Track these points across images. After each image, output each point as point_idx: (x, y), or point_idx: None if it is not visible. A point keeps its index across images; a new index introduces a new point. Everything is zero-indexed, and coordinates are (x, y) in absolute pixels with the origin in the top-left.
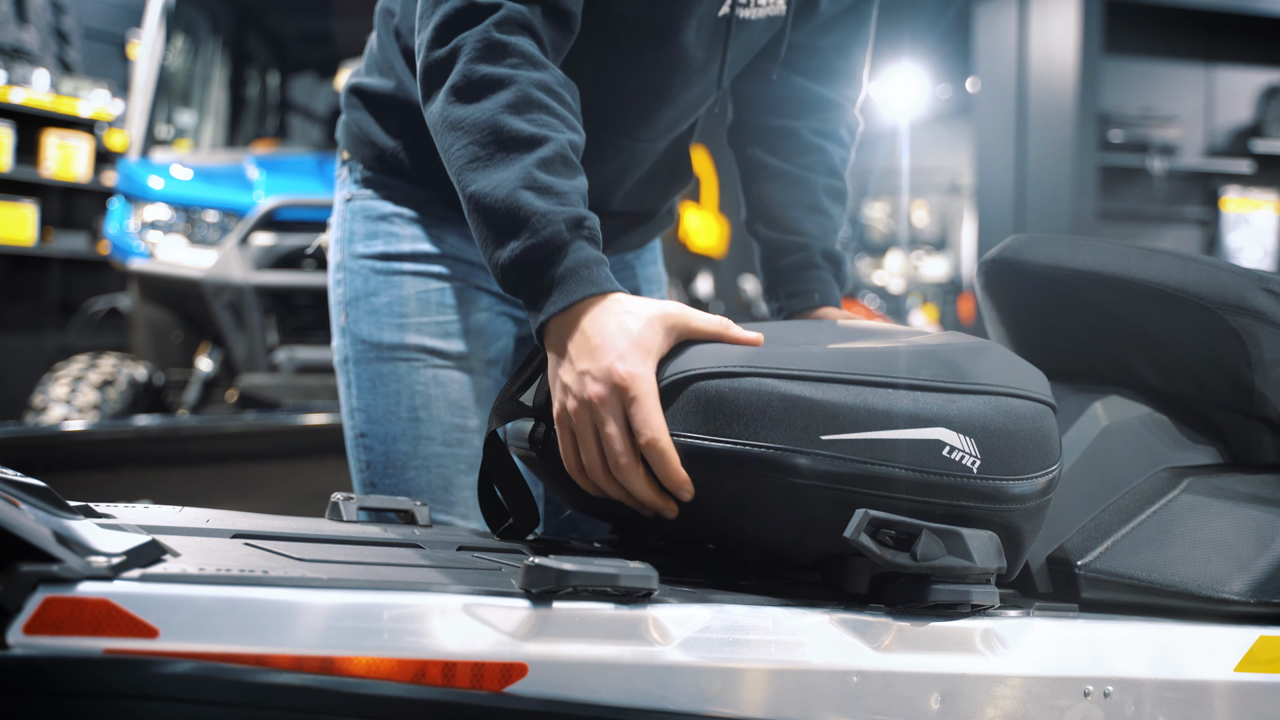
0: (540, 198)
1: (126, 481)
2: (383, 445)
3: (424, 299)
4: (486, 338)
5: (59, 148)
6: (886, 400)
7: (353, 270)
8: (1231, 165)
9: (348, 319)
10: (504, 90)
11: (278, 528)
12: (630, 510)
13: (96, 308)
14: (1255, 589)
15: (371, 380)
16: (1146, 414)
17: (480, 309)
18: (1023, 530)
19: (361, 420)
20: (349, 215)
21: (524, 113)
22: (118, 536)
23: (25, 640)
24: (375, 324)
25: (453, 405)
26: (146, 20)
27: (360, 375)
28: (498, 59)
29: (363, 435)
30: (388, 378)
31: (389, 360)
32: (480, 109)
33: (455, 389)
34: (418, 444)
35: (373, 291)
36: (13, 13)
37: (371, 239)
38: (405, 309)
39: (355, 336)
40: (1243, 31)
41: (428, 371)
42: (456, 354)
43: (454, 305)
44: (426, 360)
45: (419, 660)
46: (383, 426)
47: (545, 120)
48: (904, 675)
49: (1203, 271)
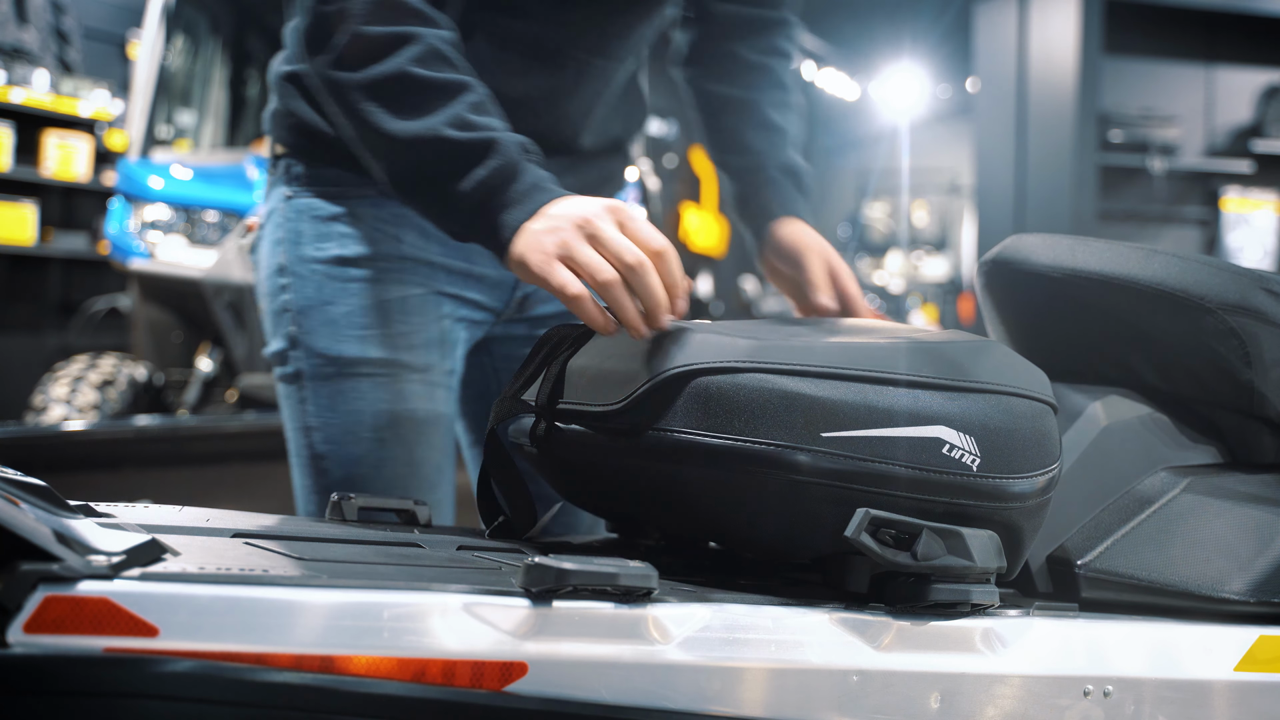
0: (483, 131)
1: (126, 481)
2: (343, 468)
3: (385, 308)
4: (446, 346)
5: (59, 148)
6: (887, 398)
7: (303, 276)
8: (1231, 165)
9: (300, 329)
10: (411, 46)
11: (278, 527)
12: (630, 510)
13: (96, 308)
14: (1255, 589)
15: (330, 397)
16: (1146, 414)
17: (441, 316)
18: (1023, 529)
19: (319, 440)
20: (292, 215)
21: (433, 66)
22: (118, 535)
23: (25, 639)
24: (333, 336)
25: (418, 424)
26: (146, 20)
27: (317, 392)
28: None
29: (320, 457)
30: (349, 395)
31: (350, 376)
32: (390, 64)
33: (420, 404)
34: (381, 466)
35: (328, 300)
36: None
37: (323, 241)
38: (366, 319)
39: (310, 349)
40: (1243, 31)
41: (392, 387)
42: (420, 366)
43: (415, 313)
44: (391, 374)
45: (419, 659)
46: (343, 448)
47: (458, 72)
48: (904, 674)
49: (1203, 271)
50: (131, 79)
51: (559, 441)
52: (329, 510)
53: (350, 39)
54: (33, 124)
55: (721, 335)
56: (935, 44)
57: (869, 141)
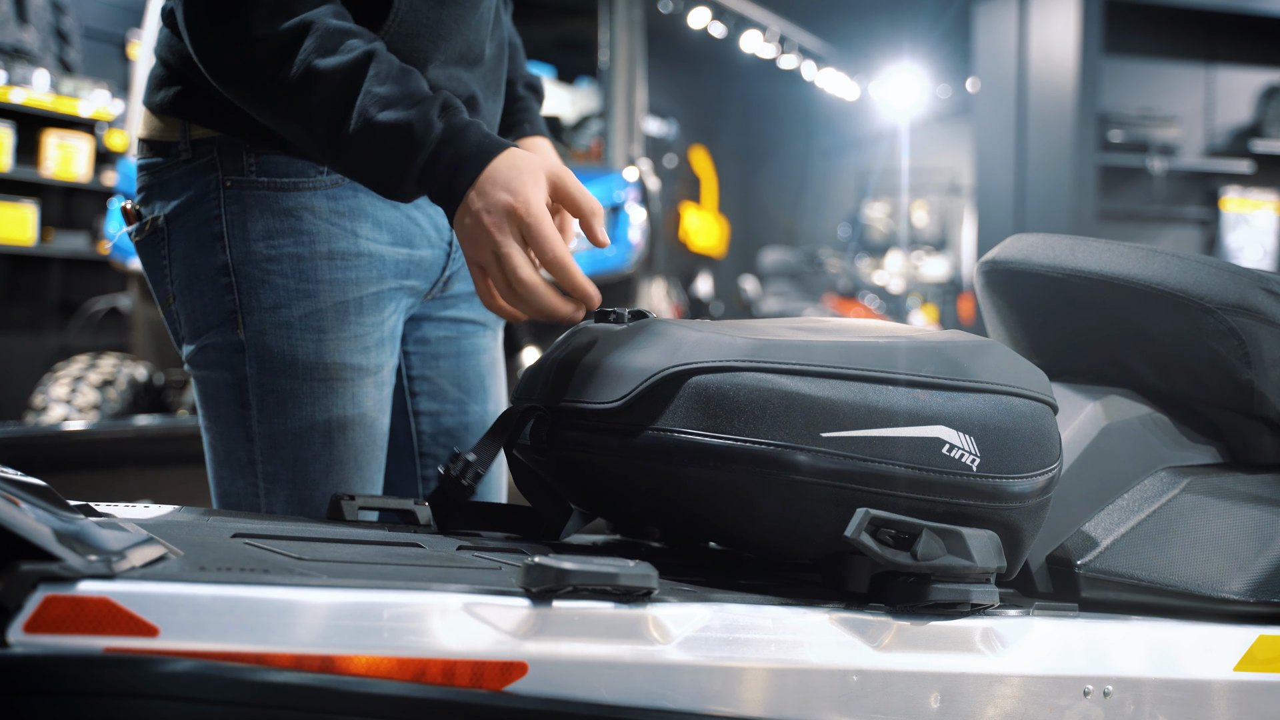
0: (395, 110)
1: (126, 481)
2: (290, 471)
3: (342, 309)
4: (393, 343)
5: (59, 148)
6: (887, 398)
7: (253, 277)
8: (1231, 165)
9: (247, 330)
10: (309, 37)
11: (277, 527)
12: (630, 510)
13: (96, 308)
14: (1255, 588)
15: (280, 403)
16: (1146, 414)
17: (391, 313)
18: (1022, 529)
19: (264, 446)
20: (234, 205)
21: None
22: (118, 535)
23: (26, 639)
24: (287, 339)
25: (368, 426)
26: (146, 20)
27: (265, 398)
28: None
29: (259, 462)
30: (302, 400)
31: (305, 381)
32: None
33: (370, 406)
34: (330, 470)
35: (283, 302)
36: (13, 13)
37: (277, 238)
38: (323, 322)
39: (260, 354)
40: (1243, 31)
41: (347, 392)
42: (373, 367)
43: (370, 313)
44: (346, 379)
45: (419, 659)
46: (291, 452)
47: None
48: (904, 674)
49: (1203, 271)
50: (131, 79)
51: (560, 441)
52: (329, 510)
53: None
54: (33, 124)
55: (720, 334)
56: (935, 44)
57: (869, 141)
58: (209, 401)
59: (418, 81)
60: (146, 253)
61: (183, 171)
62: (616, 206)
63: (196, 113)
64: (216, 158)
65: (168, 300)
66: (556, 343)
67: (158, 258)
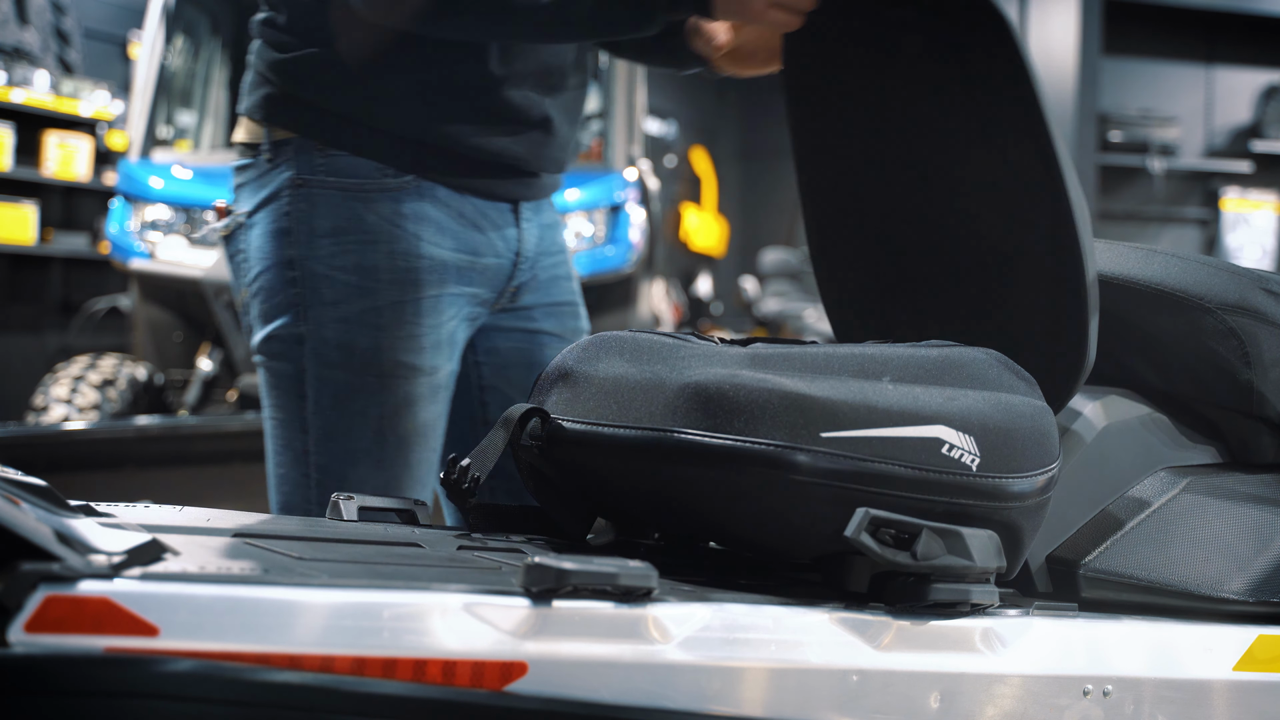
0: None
1: (127, 481)
2: (340, 464)
3: (399, 308)
4: (452, 348)
5: (59, 148)
6: (886, 398)
7: (317, 273)
8: (1231, 165)
9: (308, 324)
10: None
11: (278, 527)
12: (630, 510)
13: (97, 308)
14: (1254, 588)
15: (335, 395)
16: (1146, 414)
17: (451, 317)
18: (1022, 529)
19: (317, 437)
20: (304, 203)
21: None
22: (118, 535)
23: (26, 639)
24: (345, 334)
25: (420, 426)
26: (147, 20)
27: (321, 389)
28: None
29: (312, 453)
30: (355, 394)
31: (359, 375)
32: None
33: (424, 408)
34: (380, 466)
35: (343, 299)
36: (13, 13)
37: (342, 237)
38: (380, 319)
39: (319, 348)
40: (1243, 31)
41: (399, 389)
42: (428, 368)
43: (428, 315)
44: (400, 376)
45: (419, 659)
46: (343, 444)
47: None
48: (904, 674)
49: (1203, 271)
50: (132, 79)
51: (560, 441)
52: (329, 510)
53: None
54: (33, 124)
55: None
56: None
57: None
58: (271, 390)
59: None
60: (230, 247)
61: (264, 171)
62: (616, 206)
63: (277, 116)
64: (292, 157)
65: (244, 292)
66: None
67: (238, 252)
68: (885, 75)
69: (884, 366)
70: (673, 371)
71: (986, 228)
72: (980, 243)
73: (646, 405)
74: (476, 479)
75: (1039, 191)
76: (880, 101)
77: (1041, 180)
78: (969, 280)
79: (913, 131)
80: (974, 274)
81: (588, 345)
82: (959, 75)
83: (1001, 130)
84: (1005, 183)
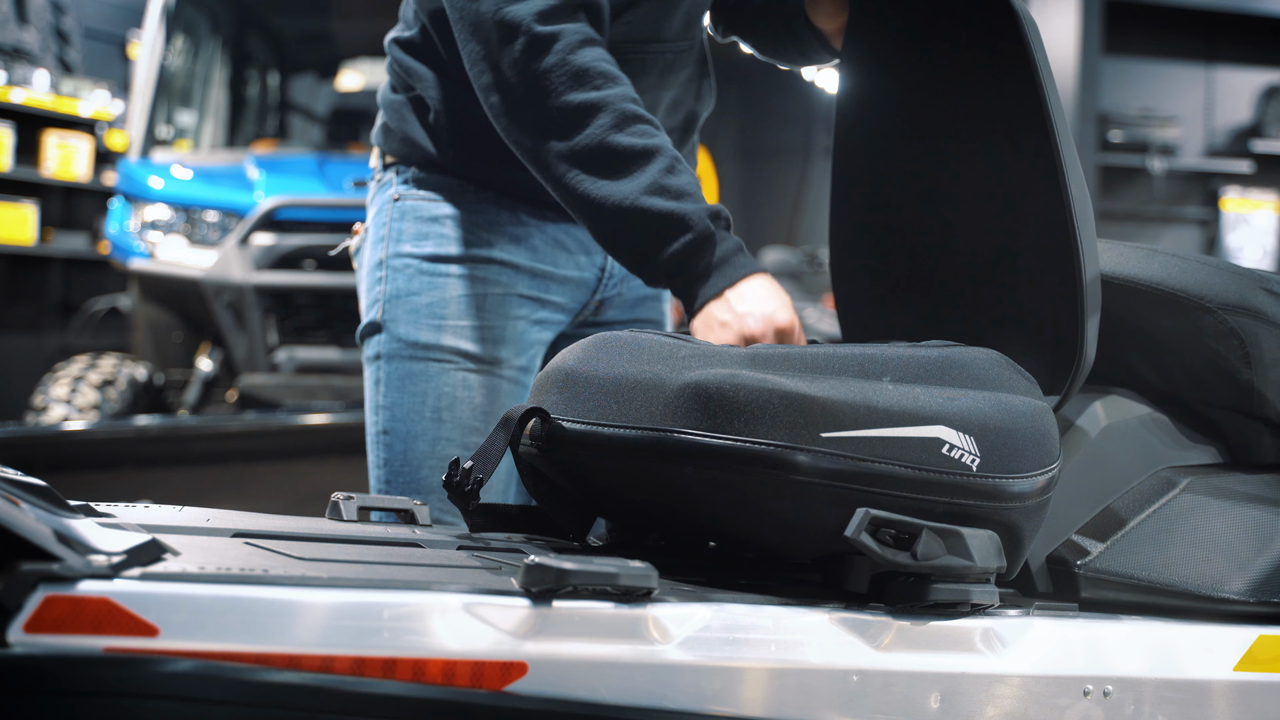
0: (679, 201)
1: (126, 481)
2: (403, 443)
3: (464, 302)
4: (521, 345)
5: (59, 148)
6: (886, 398)
7: (396, 269)
8: (1231, 165)
9: (385, 315)
10: (603, 113)
11: (278, 527)
12: (630, 510)
13: (97, 308)
14: (1255, 589)
15: (401, 378)
16: (1146, 414)
17: (518, 317)
18: (1022, 529)
19: (386, 418)
20: (396, 214)
21: (629, 131)
22: (118, 535)
23: (26, 639)
24: (413, 323)
25: (476, 410)
26: (146, 20)
27: (391, 373)
28: (584, 81)
29: (385, 432)
30: (417, 377)
31: (421, 359)
32: (590, 133)
33: (481, 394)
34: (436, 444)
35: (415, 291)
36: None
37: (422, 239)
38: (445, 310)
39: (392, 334)
40: (1243, 31)
41: (457, 374)
42: (489, 359)
43: (494, 311)
44: (458, 363)
45: (419, 659)
46: (405, 424)
47: (648, 131)
48: (904, 674)
49: (1203, 271)
50: (131, 79)
51: (561, 441)
52: (329, 510)
53: (554, 110)
54: (33, 124)
55: None
56: None
57: None
58: (366, 376)
59: (697, 184)
60: (358, 255)
61: (376, 189)
62: None
63: (387, 144)
64: (394, 177)
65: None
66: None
67: (360, 258)
68: (923, 74)
69: (884, 366)
70: (673, 371)
71: (989, 227)
72: (983, 242)
73: (647, 405)
74: (479, 480)
75: (1040, 190)
76: (915, 101)
77: (1043, 179)
78: (972, 280)
79: (939, 133)
80: (977, 273)
81: (588, 345)
82: (979, 74)
83: (1006, 129)
84: (1008, 182)
